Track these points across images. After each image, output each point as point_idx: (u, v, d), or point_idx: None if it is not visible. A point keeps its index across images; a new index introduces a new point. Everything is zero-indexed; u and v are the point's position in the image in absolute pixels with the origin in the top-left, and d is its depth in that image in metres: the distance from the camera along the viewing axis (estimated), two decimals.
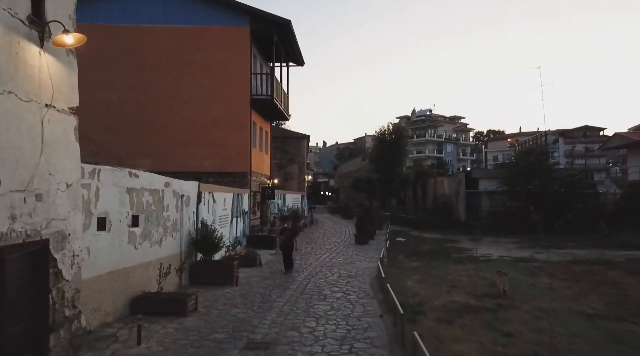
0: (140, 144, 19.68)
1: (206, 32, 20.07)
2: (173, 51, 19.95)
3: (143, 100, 19.84)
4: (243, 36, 20.05)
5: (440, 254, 18.63)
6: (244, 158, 19.94)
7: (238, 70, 20.01)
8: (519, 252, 19.41)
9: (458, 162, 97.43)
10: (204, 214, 13.02)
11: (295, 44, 21.99)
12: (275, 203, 25.66)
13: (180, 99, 19.86)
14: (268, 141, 24.42)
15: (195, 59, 19.95)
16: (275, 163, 36.24)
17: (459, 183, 31.20)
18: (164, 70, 19.89)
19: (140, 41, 20.00)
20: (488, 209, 31.19)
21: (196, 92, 19.88)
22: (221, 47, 20.01)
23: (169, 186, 10.75)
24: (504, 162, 33.60)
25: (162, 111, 19.80)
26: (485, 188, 31.68)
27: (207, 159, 19.80)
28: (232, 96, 19.96)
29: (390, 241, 21.41)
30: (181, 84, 19.88)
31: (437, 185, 36.35)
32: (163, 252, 10.28)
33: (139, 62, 19.94)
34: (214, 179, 19.72)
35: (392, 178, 40.03)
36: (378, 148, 41.00)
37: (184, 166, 19.66)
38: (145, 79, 19.88)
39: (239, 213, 17.86)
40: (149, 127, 19.74)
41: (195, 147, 19.77)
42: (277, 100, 21.24)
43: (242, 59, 20.02)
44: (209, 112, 19.87)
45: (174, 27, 20.06)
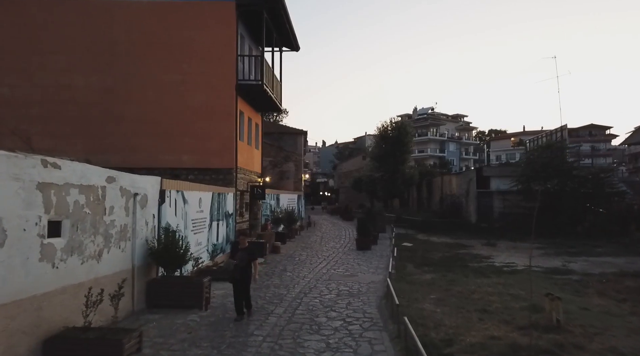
0: (109, 136, 17.10)
1: (185, 7, 17.49)
2: (148, 29, 17.37)
3: (113, 86, 17.26)
4: (227, 12, 17.47)
5: (455, 263, 16.05)
6: (229, 152, 17.35)
7: (222, 51, 17.43)
8: (546, 260, 16.83)
9: (461, 161, 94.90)
10: (169, 218, 10.45)
11: (288, 24, 19.42)
12: (267, 203, 23.09)
13: (156, 85, 17.27)
14: (259, 134, 21.85)
15: (173, 38, 17.38)
16: (270, 161, 33.69)
17: (469, 182, 28.63)
18: (137, 51, 17.31)
19: (110, 18, 17.41)
20: (501, 210, 28.65)
21: (174, 77, 17.29)
22: (202, 24, 17.43)
23: (114, 182, 8.17)
24: (519, 160, 30.83)
25: (135, 98, 17.22)
26: (498, 187, 29.13)
27: (186, 154, 17.22)
28: (216, 81, 17.38)
29: (396, 247, 18.88)
30: (157, 67, 17.29)
31: (444, 184, 33.75)
32: (103, 269, 7.71)
33: (109, 42, 17.35)
34: (195, 176, 17.18)
35: (395, 176, 37.44)
36: (380, 145, 38.42)
37: (160, 161, 17.11)
38: (115, 61, 17.30)
39: (221, 216, 15.29)
40: (120, 117, 17.16)
41: (173, 140, 17.19)
42: (268, 87, 18.66)
43: (226, 39, 17.44)
44: (188, 99, 17.29)
45: (149, 2, 17.50)
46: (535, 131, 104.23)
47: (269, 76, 19.00)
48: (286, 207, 27.50)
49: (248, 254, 9.12)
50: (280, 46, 21.78)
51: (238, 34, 17.71)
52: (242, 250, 9.16)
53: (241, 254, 9.09)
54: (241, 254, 9.09)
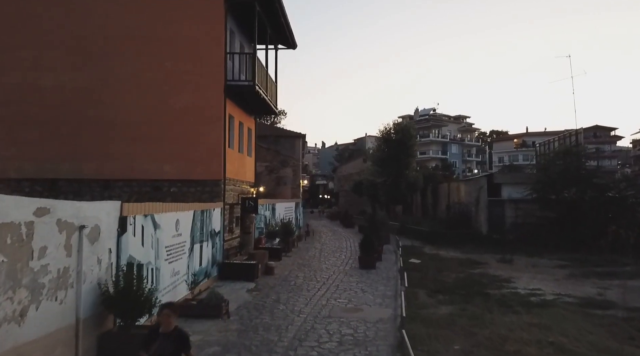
0: (81, 143, 15.20)
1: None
2: (126, 23, 15.45)
3: (87, 86, 15.35)
4: (215, 5, 15.54)
5: (473, 288, 14.10)
6: (216, 162, 15.42)
7: (209, 48, 15.52)
8: (575, 285, 14.87)
9: (463, 163, 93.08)
10: (134, 250, 8.50)
11: (284, 19, 17.50)
12: (261, 215, 21.14)
13: (135, 85, 15.36)
14: (252, 140, 19.89)
15: (154, 33, 15.46)
16: (265, 166, 31.77)
17: (479, 190, 26.69)
18: (114, 47, 15.39)
19: (84, 10, 15.51)
20: (513, 220, 26.71)
21: (155, 76, 15.38)
22: (187, 18, 15.52)
23: (48, 215, 6.21)
24: (530, 164, 28.85)
25: (111, 100, 15.30)
26: (510, 195, 27.17)
27: (168, 163, 15.30)
28: (202, 81, 15.47)
29: (403, 264, 16.98)
30: (136, 65, 15.38)
31: (451, 191, 31.81)
32: (27, 333, 5.75)
33: (83, 36, 15.45)
34: (177, 188, 15.29)
35: (399, 181, 35.50)
36: (382, 149, 36.46)
37: (139, 171, 15.21)
38: (90, 58, 15.39)
39: (205, 236, 13.34)
40: (94, 121, 15.24)
41: (153, 148, 15.28)
42: (261, 88, 16.73)
43: (214, 35, 15.52)
44: (171, 102, 15.38)
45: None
46: (538, 132, 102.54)
47: (262, 76, 17.07)
48: (283, 217, 25.56)
49: (175, 346, 5.18)
50: (275, 43, 19.89)
51: (227, 30, 15.80)
52: (165, 338, 5.19)
53: (161, 345, 5.14)
54: (161, 345, 5.14)
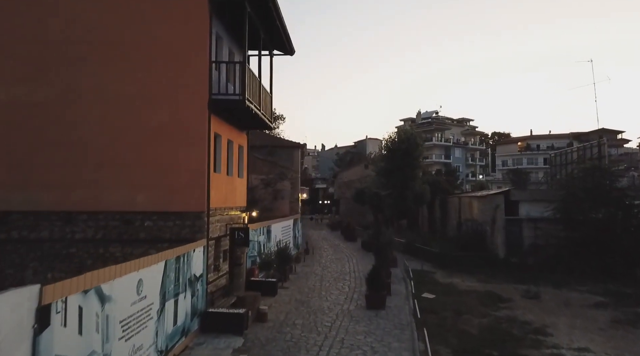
0: (38, 168, 12.77)
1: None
2: (93, 25, 13.05)
3: (45, 100, 12.92)
4: (198, 5, 13.14)
5: (505, 346, 11.72)
6: (199, 189, 13.01)
7: (191, 57, 13.12)
8: (627, 341, 12.47)
9: (467, 167, 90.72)
10: (64, 346, 6.10)
11: (279, 21, 15.10)
12: (254, 242, 18.77)
13: (102, 99, 12.94)
14: (243, 159, 17.48)
15: (125, 39, 13.06)
16: (261, 179, 29.39)
17: (495, 209, 24.31)
18: (78, 54, 12.98)
19: (43, 10, 13.11)
20: (532, 241, 24.40)
21: (127, 89, 12.97)
22: (165, 21, 13.12)
23: None
24: (546, 178, 26.47)
25: (74, 117, 12.90)
26: (528, 214, 24.85)
27: (142, 192, 12.89)
28: (182, 95, 13.06)
29: (415, 298, 14.67)
30: (104, 75, 12.97)
31: (462, 206, 29.42)
32: None
33: (41, 41, 13.04)
34: (153, 222, 12.90)
35: (405, 194, 33.10)
36: (387, 159, 34.05)
37: (107, 202, 12.81)
38: (49, 67, 12.98)
39: (182, 286, 10.96)
40: (54, 142, 12.83)
41: (124, 174, 12.87)
42: (253, 101, 14.34)
43: (197, 41, 13.11)
44: (145, 119, 12.97)
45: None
46: (543, 135, 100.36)
47: (254, 87, 14.68)
48: (279, 239, 23.19)
49: None
50: (270, 49, 17.49)
51: (212, 35, 13.39)
52: None
53: None
54: None
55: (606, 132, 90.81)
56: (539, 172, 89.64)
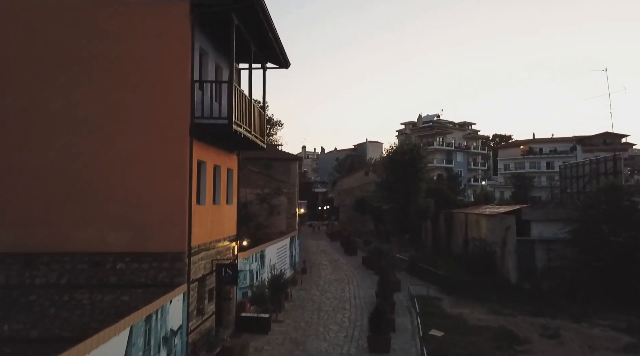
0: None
1: (113, 6, 11.58)
2: (57, 39, 11.46)
3: (3, 123, 11.35)
4: (178, 16, 11.54)
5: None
6: (179, 226, 11.41)
7: (170, 76, 11.54)
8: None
9: (469, 172, 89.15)
10: None
11: (272, 33, 13.49)
12: (246, 272, 17.19)
13: (68, 123, 11.36)
14: (232, 183, 15.88)
15: (94, 53, 11.47)
16: (256, 195, 27.83)
17: (506, 230, 22.72)
18: (40, 71, 11.41)
19: (4, 19, 11.53)
20: (545, 264, 22.84)
21: (97, 112, 11.38)
22: (140, 36, 11.53)
23: None
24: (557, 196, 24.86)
25: (35, 143, 11.31)
26: (541, 234, 23.28)
27: (114, 230, 11.29)
28: (160, 119, 11.48)
29: (423, 336, 13.08)
30: (72, 97, 11.39)
31: (469, 224, 27.81)
32: None
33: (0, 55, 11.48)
34: (126, 265, 11.33)
35: (408, 208, 31.51)
36: (389, 170, 32.44)
37: (73, 241, 11.23)
38: (7, 86, 11.40)
39: (155, 348, 9.36)
40: (11, 170, 11.26)
41: (93, 209, 11.28)
42: (242, 124, 12.74)
43: (176, 58, 11.53)
44: (118, 145, 11.38)
45: (62, 1, 11.58)
46: (545, 138, 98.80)
47: (243, 108, 13.08)
48: (275, 262, 21.60)
49: None
50: (263, 62, 15.90)
51: (195, 50, 11.79)
52: None
53: None
54: None
55: (610, 135, 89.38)
56: (541, 177, 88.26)
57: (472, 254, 25.58)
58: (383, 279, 19.90)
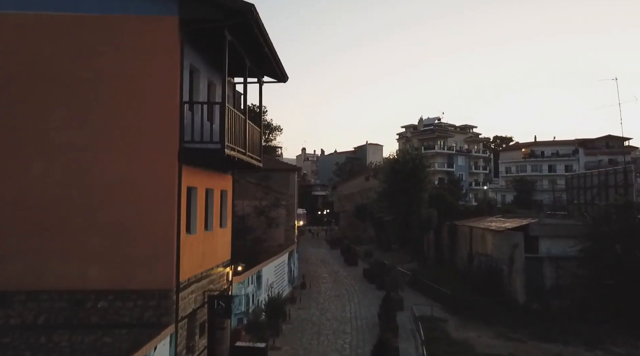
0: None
1: (95, 22, 10.64)
2: (33, 57, 10.52)
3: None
4: (167, 32, 10.60)
5: None
6: (166, 260, 10.47)
7: (157, 97, 10.60)
8: None
9: (470, 176, 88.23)
10: None
11: (268, 48, 12.53)
12: (241, 297, 16.27)
13: (44, 149, 10.43)
14: (227, 205, 14.94)
15: (76, 72, 10.54)
16: (254, 207, 26.88)
17: (513, 248, 21.78)
18: (15, 91, 10.47)
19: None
20: (554, 282, 21.91)
21: (76, 137, 10.45)
22: (124, 53, 10.58)
23: None
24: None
25: (8, 171, 10.38)
26: (549, 251, 22.36)
27: (95, 265, 10.35)
28: (145, 143, 10.55)
29: None
30: (48, 120, 10.45)
31: (474, 238, 26.88)
32: None
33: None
34: (109, 303, 10.42)
35: (410, 220, 30.57)
36: (390, 180, 31.49)
37: (50, 278, 10.31)
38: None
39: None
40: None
41: (72, 243, 10.34)
42: (236, 147, 11.82)
43: (164, 76, 10.60)
44: (99, 173, 10.44)
45: (37, 15, 10.64)
46: (547, 141, 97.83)
47: (238, 128, 12.14)
48: (273, 281, 20.68)
49: None
50: (259, 76, 14.96)
51: (184, 68, 10.86)
52: None
53: None
54: None
55: (612, 138, 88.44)
56: (543, 180, 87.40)
57: (478, 270, 24.65)
58: (386, 301, 18.99)
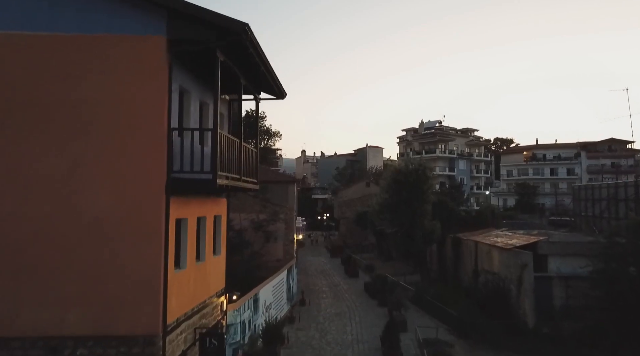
0: None
1: (77, 43, 9.72)
2: (9, 80, 9.62)
3: None
4: (152, 56, 9.69)
5: None
6: (151, 302, 9.53)
7: (142, 124, 9.68)
8: None
9: (471, 180, 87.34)
10: None
11: (263, 66, 11.60)
12: (236, 325, 15.34)
13: (19, 181, 9.51)
14: (221, 231, 14.01)
15: (54, 96, 9.62)
16: (251, 220, 25.95)
17: (522, 268, 20.83)
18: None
19: None
20: (563, 302, 20.98)
21: (54, 167, 9.54)
22: (106, 76, 9.66)
23: None
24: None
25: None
26: (559, 270, 21.44)
27: (74, 308, 9.43)
28: (129, 174, 9.63)
29: None
30: (23, 149, 9.54)
31: (479, 254, 25.94)
32: None
33: None
34: (88, 351, 9.52)
35: (413, 233, 29.64)
36: (393, 192, 30.54)
37: (24, 324, 9.39)
38: None
39: None
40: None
41: (49, 284, 9.43)
42: (230, 173, 10.90)
43: (151, 100, 9.68)
44: (78, 207, 9.52)
45: (11, 36, 9.71)
46: (549, 144, 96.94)
47: (232, 153, 11.21)
48: (271, 303, 19.75)
49: None
50: (255, 93, 14.04)
51: (173, 91, 9.93)
52: None
53: None
54: None
55: (615, 142, 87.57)
56: (545, 183, 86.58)
57: (484, 288, 23.73)
58: (390, 324, 18.12)
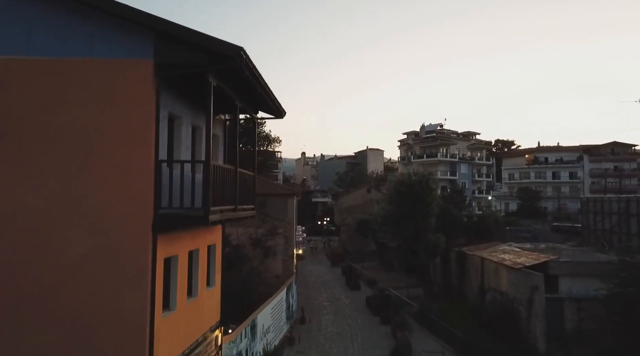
0: None
1: (55, 68, 8.85)
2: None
3: None
4: (139, 80, 8.79)
5: None
6: (137, 348, 8.68)
7: (127, 154, 8.81)
8: None
9: (473, 184, 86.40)
10: None
11: (261, 88, 10.72)
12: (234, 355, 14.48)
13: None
14: (215, 261, 13.15)
15: (30, 126, 8.76)
16: (249, 236, 25.07)
17: (532, 290, 19.95)
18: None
19: None
20: (575, 325, 20.11)
21: (30, 204, 8.66)
22: (89, 101, 8.79)
23: None
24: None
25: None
26: (570, 291, 20.57)
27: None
28: (112, 212, 8.75)
29: None
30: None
31: (485, 271, 25.04)
32: None
33: None
34: None
35: (416, 246, 28.78)
36: (395, 204, 29.68)
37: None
38: None
39: None
40: None
41: (28, 331, 8.57)
42: (224, 205, 10.03)
43: (136, 131, 8.80)
44: (56, 249, 8.65)
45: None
46: (551, 146, 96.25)
47: (225, 186, 10.34)
48: (269, 327, 18.87)
49: None
50: (251, 113, 13.17)
51: (160, 118, 9.05)
52: None
53: None
54: None
55: (618, 145, 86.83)
56: (547, 187, 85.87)
57: (491, 307, 22.86)
58: (395, 353, 17.25)
